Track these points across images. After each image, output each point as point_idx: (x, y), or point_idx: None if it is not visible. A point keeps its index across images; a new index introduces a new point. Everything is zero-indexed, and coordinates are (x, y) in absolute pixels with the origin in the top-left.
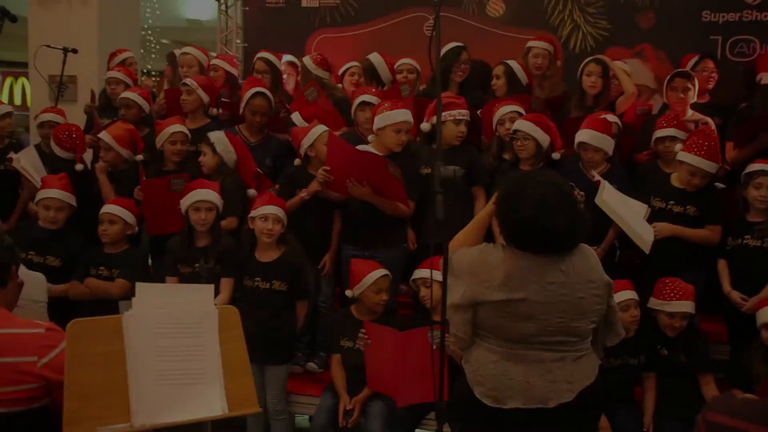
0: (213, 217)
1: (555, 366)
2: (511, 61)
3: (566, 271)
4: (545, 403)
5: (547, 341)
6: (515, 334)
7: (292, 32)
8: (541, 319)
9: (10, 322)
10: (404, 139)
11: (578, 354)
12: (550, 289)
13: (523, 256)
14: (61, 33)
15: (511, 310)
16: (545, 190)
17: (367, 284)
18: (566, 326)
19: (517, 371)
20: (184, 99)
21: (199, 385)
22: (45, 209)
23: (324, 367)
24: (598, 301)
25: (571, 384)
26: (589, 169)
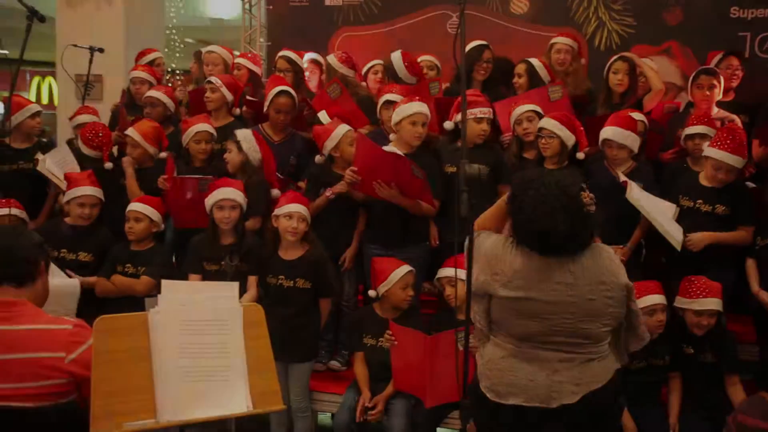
0: (237, 216)
1: (561, 366)
2: (533, 60)
3: (575, 272)
4: (547, 403)
5: (553, 341)
6: (520, 331)
7: (315, 31)
8: (546, 319)
9: (38, 317)
10: (421, 132)
11: (589, 356)
12: (557, 289)
13: (532, 255)
14: (87, 33)
15: (516, 307)
16: (548, 191)
17: (393, 281)
18: (574, 327)
19: (522, 368)
20: (208, 97)
21: (224, 382)
22: (80, 207)
23: (347, 365)
24: (611, 303)
25: (577, 386)
26: (614, 167)
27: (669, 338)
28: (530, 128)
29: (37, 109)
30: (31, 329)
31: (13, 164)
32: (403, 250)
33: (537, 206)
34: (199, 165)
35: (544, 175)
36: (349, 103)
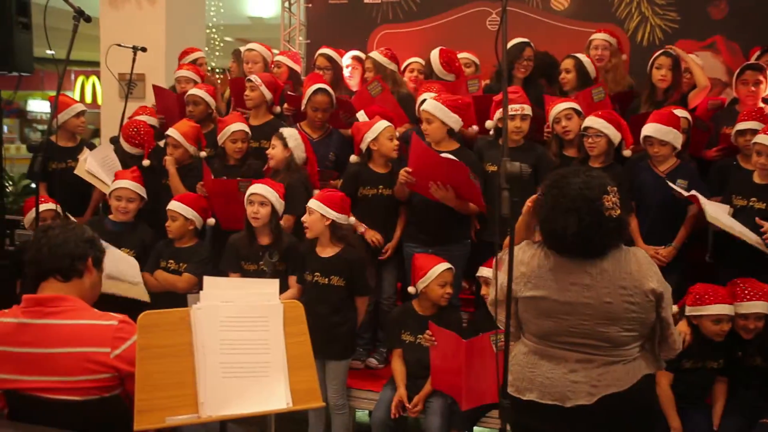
0: (267, 213)
1: (580, 366)
2: (580, 55)
3: (592, 274)
4: (562, 401)
5: (571, 342)
6: (538, 330)
7: (354, 28)
8: (562, 319)
9: (86, 313)
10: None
11: (612, 359)
12: (573, 290)
13: (551, 255)
14: (130, 32)
15: (534, 306)
16: (567, 192)
17: (431, 277)
18: (591, 330)
19: (541, 365)
20: (248, 95)
21: (264, 378)
22: (116, 200)
23: (384, 363)
24: (633, 309)
25: (595, 388)
26: (657, 165)
27: (726, 342)
28: (569, 126)
29: (82, 108)
30: (78, 324)
31: (61, 162)
32: (442, 248)
33: (554, 206)
34: (233, 163)
35: (571, 175)
36: (390, 100)
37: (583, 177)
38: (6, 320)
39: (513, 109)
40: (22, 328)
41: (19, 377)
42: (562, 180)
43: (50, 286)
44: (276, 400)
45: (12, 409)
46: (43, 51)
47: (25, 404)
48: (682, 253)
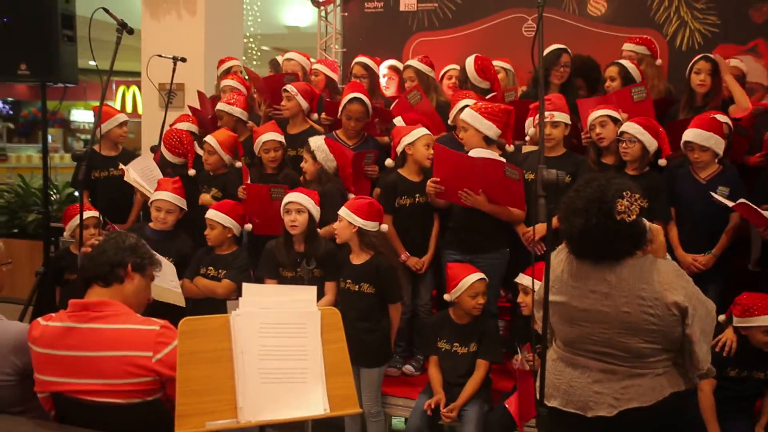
0: (304, 220)
1: (604, 377)
2: (624, 61)
3: (612, 282)
4: (584, 411)
5: (594, 350)
6: (564, 336)
7: (390, 37)
8: (582, 326)
9: (129, 318)
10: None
11: (636, 372)
12: (592, 297)
13: (574, 261)
14: (171, 43)
15: (558, 311)
16: (581, 194)
17: (463, 288)
18: (611, 340)
19: (567, 372)
20: (284, 105)
21: (302, 384)
22: (156, 210)
23: (421, 370)
24: (653, 321)
25: (617, 401)
26: (698, 171)
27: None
28: (603, 133)
29: (125, 118)
30: (121, 328)
31: (103, 171)
32: (480, 256)
33: (568, 207)
34: (270, 172)
35: (595, 179)
36: (429, 109)
37: (603, 181)
38: (54, 324)
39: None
40: (68, 332)
41: (65, 380)
42: (584, 183)
43: (94, 292)
44: (313, 405)
45: (59, 411)
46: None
47: (70, 407)
48: (724, 261)
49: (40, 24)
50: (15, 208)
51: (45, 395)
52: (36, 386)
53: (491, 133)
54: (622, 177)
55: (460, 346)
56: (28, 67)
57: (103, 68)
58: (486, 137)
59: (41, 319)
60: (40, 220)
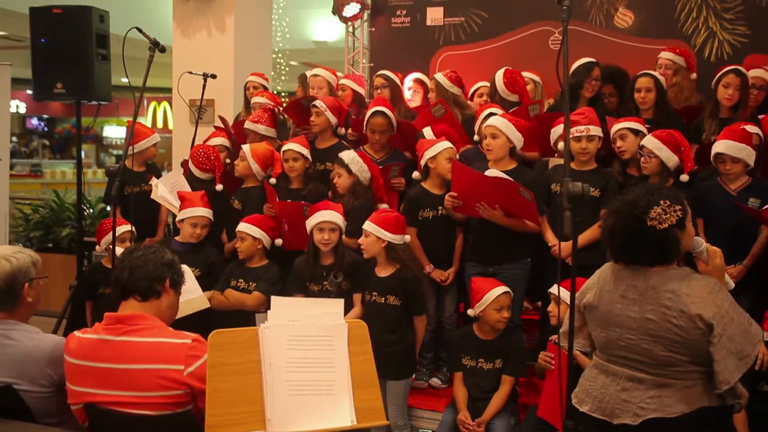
0: (336, 238)
1: (632, 385)
2: (655, 73)
3: (641, 289)
4: (611, 417)
5: (623, 356)
6: (598, 342)
7: (417, 51)
8: (612, 331)
9: (162, 331)
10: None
11: (663, 381)
12: (622, 302)
13: (611, 268)
14: (201, 60)
15: (592, 316)
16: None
17: (487, 302)
18: (638, 346)
19: (599, 379)
20: (313, 120)
21: (329, 396)
22: (192, 227)
23: (448, 383)
24: (677, 332)
25: (642, 410)
26: (728, 183)
27: None
28: (624, 146)
29: (159, 139)
30: (154, 342)
31: (135, 186)
32: (502, 267)
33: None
34: (295, 186)
35: (646, 185)
36: (454, 122)
37: (651, 187)
38: (88, 336)
39: (578, 130)
40: (103, 345)
41: (99, 391)
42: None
43: (129, 305)
44: (341, 417)
45: (92, 423)
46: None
47: (103, 418)
48: (755, 273)
49: (75, 44)
50: (49, 222)
51: (78, 406)
52: (69, 398)
53: (519, 144)
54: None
55: (485, 362)
56: (64, 86)
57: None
58: (512, 148)
59: (78, 332)
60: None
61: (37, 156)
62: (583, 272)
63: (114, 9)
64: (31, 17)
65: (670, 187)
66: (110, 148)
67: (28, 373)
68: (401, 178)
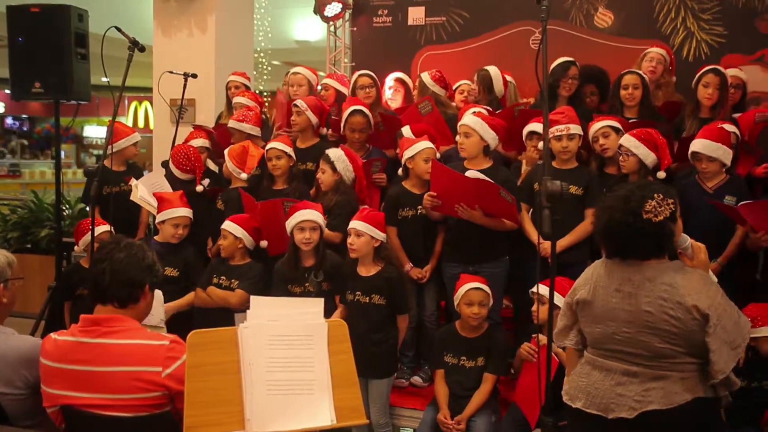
0: (317, 237)
1: (626, 380)
2: (639, 71)
3: (636, 282)
4: (605, 412)
5: (618, 350)
6: (590, 338)
7: (398, 50)
8: (607, 325)
9: (139, 333)
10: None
11: (658, 373)
12: (617, 296)
13: (604, 264)
14: (182, 59)
15: (586, 312)
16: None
17: (459, 297)
18: (634, 339)
19: (592, 375)
20: (294, 120)
21: (309, 395)
22: (174, 227)
23: (429, 381)
24: (674, 323)
25: (638, 403)
26: (705, 181)
27: None
28: (606, 144)
29: (139, 138)
30: (131, 344)
31: (114, 186)
32: (480, 266)
33: (601, 204)
34: (281, 186)
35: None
36: (438, 120)
37: (635, 185)
38: (64, 338)
39: (558, 129)
40: (79, 347)
41: (75, 394)
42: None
43: (106, 309)
44: (320, 417)
45: (68, 425)
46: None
47: (80, 420)
48: (730, 271)
49: (53, 43)
50: (28, 223)
51: (54, 409)
52: (45, 400)
53: (493, 142)
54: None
55: (467, 359)
56: (42, 85)
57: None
58: (486, 146)
59: (54, 334)
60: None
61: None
62: (566, 271)
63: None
64: (8, 16)
65: (660, 183)
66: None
67: (3, 375)
68: (383, 173)
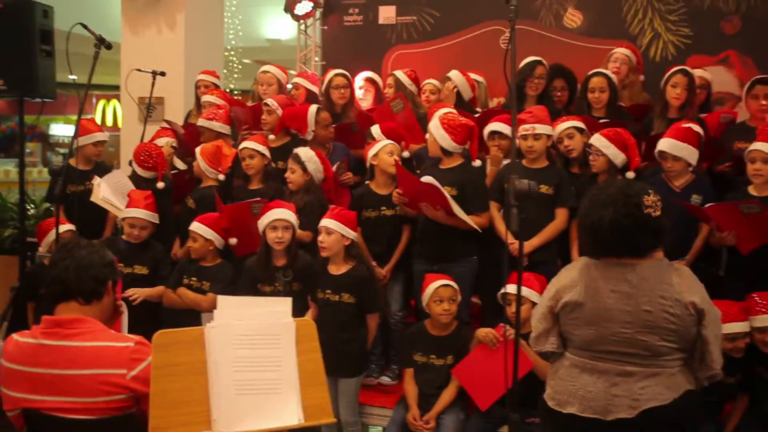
0: (289, 236)
1: (620, 380)
2: (606, 71)
3: (633, 282)
4: (603, 415)
5: (613, 351)
6: (580, 341)
7: (369, 49)
8: (603, 327)
9: (103, 335)
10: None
11: (651, 372)
12: (613, 297)
13: (593, 265)
14: (150, 57)
15: (575, 315)
16: (604, 191)
17: (428, 295)
18: (632, 338)
19: (582, 378)
20: (265, 119)
21: (276, 395)
22: (130, 227)
23: (397, 380)
24: (673, 320)
25: (636, 401)
26: (671, 180)
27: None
28: (571, 144)
29: (102, 137)
30: (95, 346)
31: (79, 185)
32: (447, 265)
33: (592, 200)
34: (256, 186)
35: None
36: (410, 118)
37: (625, 182)
38: (26, 340)
39: (524, 129)
40: (41, 350)
41: (38, 397)
42: (604, 185)
43: (69, 308)
44: (288, 416)
45: (30, 427)
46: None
47: (43, 423)
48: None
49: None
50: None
51: (15, 412)
52: (5, 404)
53: (446, 144)
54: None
55: (437, 358)
56: (6, 83)
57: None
58: (443, 148)
59: (16, 335)
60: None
61: None
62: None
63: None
64: None
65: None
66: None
67: None
68: (348, 173)
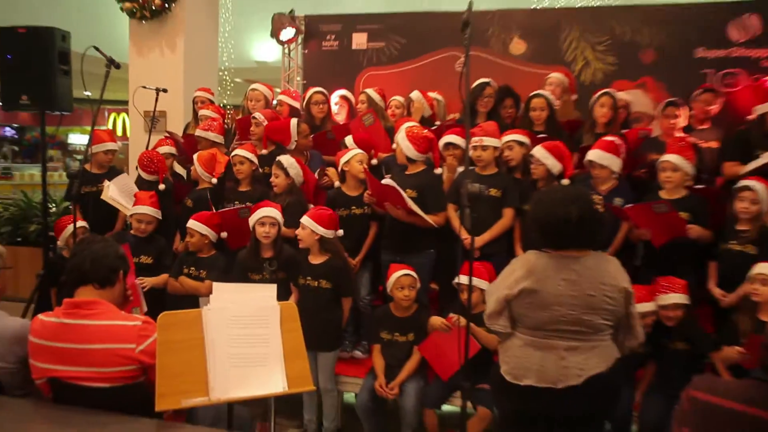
0: (275, 231)
1: (568, 354)
2: (547, 93)
3: (579, 271)
4: (555, 383)
5: (561, 329)
6: (534, 322)
7: (344, 71)
8: (554, 310)
9: (115, 315)
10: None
11: (593, 344)
12: (563, 284)
13: (544, 256)
14: (154, 76)
15: (529, 300)
16: (558, 193)
17: (391, 282)
18: (578, 318)
19: (535, 355)
20: (253, 131)
21: (264, 367)
22: (138, 222)
23: (367, 353)
24: (610, 302)
25: (582, 371)
26: (598, 185)
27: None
28: (510, 155)
29: (113, 147)
30: (108, 324)
31: (93, 187)
32: (409, 256)
33: (555, 200)
34: (245, 188)
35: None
36: (380, 130)
37: (573, 185)
38: (50, 319)
39: (474, 141)
40: (63, 327)
41: (61, 367)
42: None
43: (86, 291)
44: (274, 384)
45: (55, 394)
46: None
47: (65, 390)
48: None
49: (39, 60)
50: (18, 219)
51: (42, 380)
52: (33, 373)
53: (410, 153)
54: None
55: (400, 335)
56: (29, 98)
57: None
58: (407, 156)
59: (41, 315)
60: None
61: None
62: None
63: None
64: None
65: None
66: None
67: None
68: (326, 176)
